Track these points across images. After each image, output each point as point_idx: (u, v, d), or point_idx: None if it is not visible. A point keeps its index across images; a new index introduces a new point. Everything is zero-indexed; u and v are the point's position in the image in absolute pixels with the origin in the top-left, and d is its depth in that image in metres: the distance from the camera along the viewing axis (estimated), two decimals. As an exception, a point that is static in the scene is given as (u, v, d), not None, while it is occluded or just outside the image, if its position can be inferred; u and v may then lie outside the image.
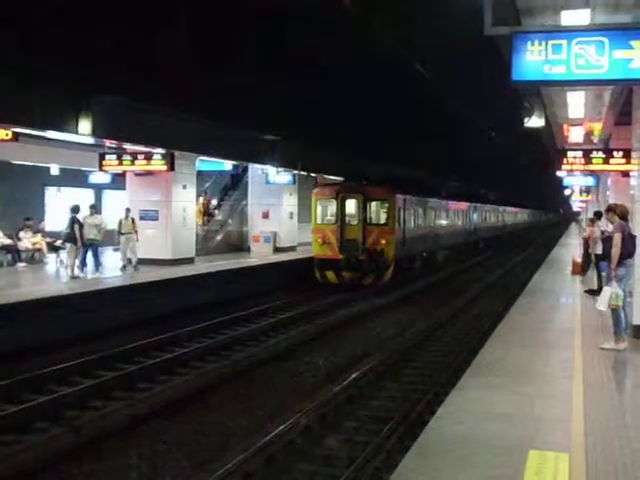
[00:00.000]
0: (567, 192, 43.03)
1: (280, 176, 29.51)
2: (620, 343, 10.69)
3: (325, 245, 25.06)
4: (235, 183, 33.81)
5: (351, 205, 25.30)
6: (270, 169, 28.72)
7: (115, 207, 32.47)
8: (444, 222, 34.85)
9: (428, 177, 36.24)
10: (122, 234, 21.49)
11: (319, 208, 25.81)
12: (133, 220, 21.74)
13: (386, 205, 25.51)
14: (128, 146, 21.48)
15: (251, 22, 14.03)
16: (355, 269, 24.78)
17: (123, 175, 24.36)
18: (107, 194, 36.33)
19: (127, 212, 21.83)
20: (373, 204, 25.56)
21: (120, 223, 21.65)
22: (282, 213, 31.02)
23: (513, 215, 66.19)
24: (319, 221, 25.80)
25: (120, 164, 22.22)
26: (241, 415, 10.58)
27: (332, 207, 25.45)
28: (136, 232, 21.51)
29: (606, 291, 10.54)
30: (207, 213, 30.80)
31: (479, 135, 31.05)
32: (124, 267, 21.15)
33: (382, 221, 25.55)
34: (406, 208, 27.23)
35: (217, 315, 17.72)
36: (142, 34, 13.66)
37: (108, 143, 21.22)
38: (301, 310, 19.58)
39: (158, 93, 15.03)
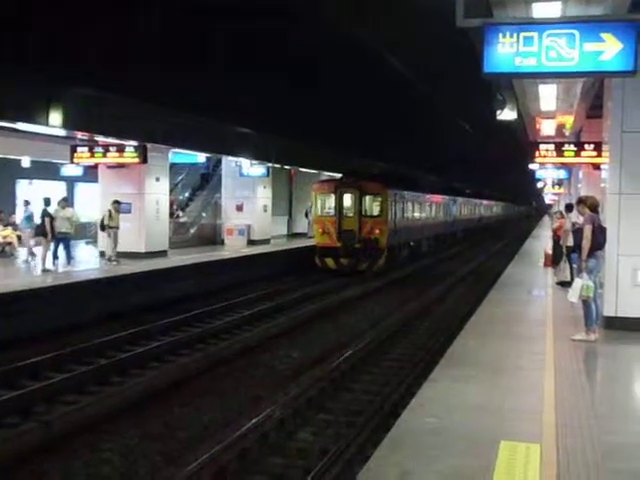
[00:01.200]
0: (540, 185, 43.24)
1: (254, 169, 29.46)
2: (591, 334, 10.78)
3: (325, 234, 27.48)
4: (203, 184, 33.57)
5: (348, 199, 27.77)
6: (244, 161, 28.64)
7: (88, 200, 32.29)
8: (428, 214, 37.39)
9: (412, 172, 37.97)
10: (111, 228, 21.19)
11: (319, 202, 28.26)
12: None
13: (379, 199, 27.96)
14: (100, 138, 21.29)
15: (223, 14, 13.93)
16: (352, 256, 27.05)
17: (95, 167, 24.18)
18: (79, 187, 36.07)
19: (119, 205, 21.49)
20: (367, 198, 27.93)
21: (110, 216, 21.27)
22: (256, 206, 30.98)
23: (488, 208, 68.68)
24: (319, 213, 28.23)
25: (92, 156, 22.05)
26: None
27: (331, 201, 27.85)
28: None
29: (577, 283, 10.61)
30: (171, 214, 28.75)
31: (454, 128, 31.17)
32: (110, 259, 21.04)
33: (376, 213, 27.94)
34: (396, 202, 29.54)
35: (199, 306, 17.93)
36: (114, 25, 13.51)
37: (80, 135, 21.01)
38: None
39: (130, 85, 14.88)
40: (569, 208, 18.21)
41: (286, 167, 33.29)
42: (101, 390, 11.37)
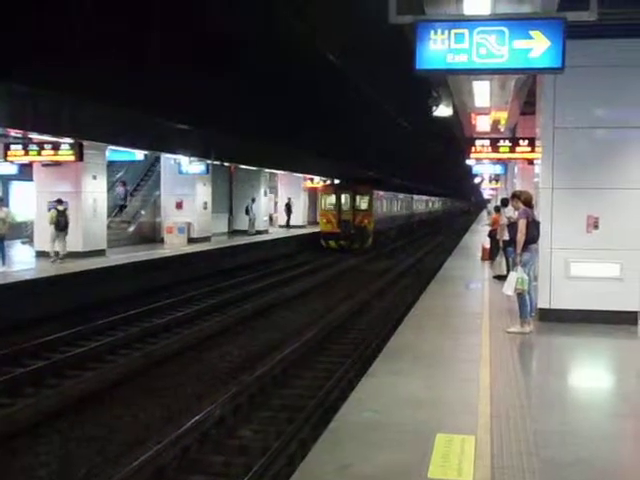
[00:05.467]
0: (477, 180, 43.88)
1: (193, 166, 29.22)
2: (526, 326, 10.99)
3: (328, 224, 38.02)
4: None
5: (345, 198, 38.28)
6: (183, 159, 28.40)
7: (24, 199, 31.60)
8: (395, 209, 47.60)
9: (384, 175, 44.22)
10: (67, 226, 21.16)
11: (323, 200, 38.88)
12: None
13: (367, 197, 38.46)
14: (35, 135, 20.89)
15: (156, 6, 13.77)
16: (348, 239, 37.52)
17: (30, 166, 23.72)
18: (14, 185, 35.33)
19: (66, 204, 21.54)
20: (358, 197, 38.36)
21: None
22: (196, 203, 30.74)
23: (434, 203, 77.42)
24: (324, 208, 38.67)
25: (26, 154, 21.69)
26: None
27: (332, 199, 38.47)
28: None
29: (512, 276, 10.80)
30: None
31: (392, 125, 31.51)
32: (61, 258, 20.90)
33: (364, 208, 38.29)
34: (377, 199, 39.83)
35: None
36: (44, 19, 13.25)
37: (13, 132, 20.60)
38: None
39: (62, 80, 14.61)
40: (504, 203, 18.51)
41: (225, 164, 33.15)
42: (38, 392, 11.19)
